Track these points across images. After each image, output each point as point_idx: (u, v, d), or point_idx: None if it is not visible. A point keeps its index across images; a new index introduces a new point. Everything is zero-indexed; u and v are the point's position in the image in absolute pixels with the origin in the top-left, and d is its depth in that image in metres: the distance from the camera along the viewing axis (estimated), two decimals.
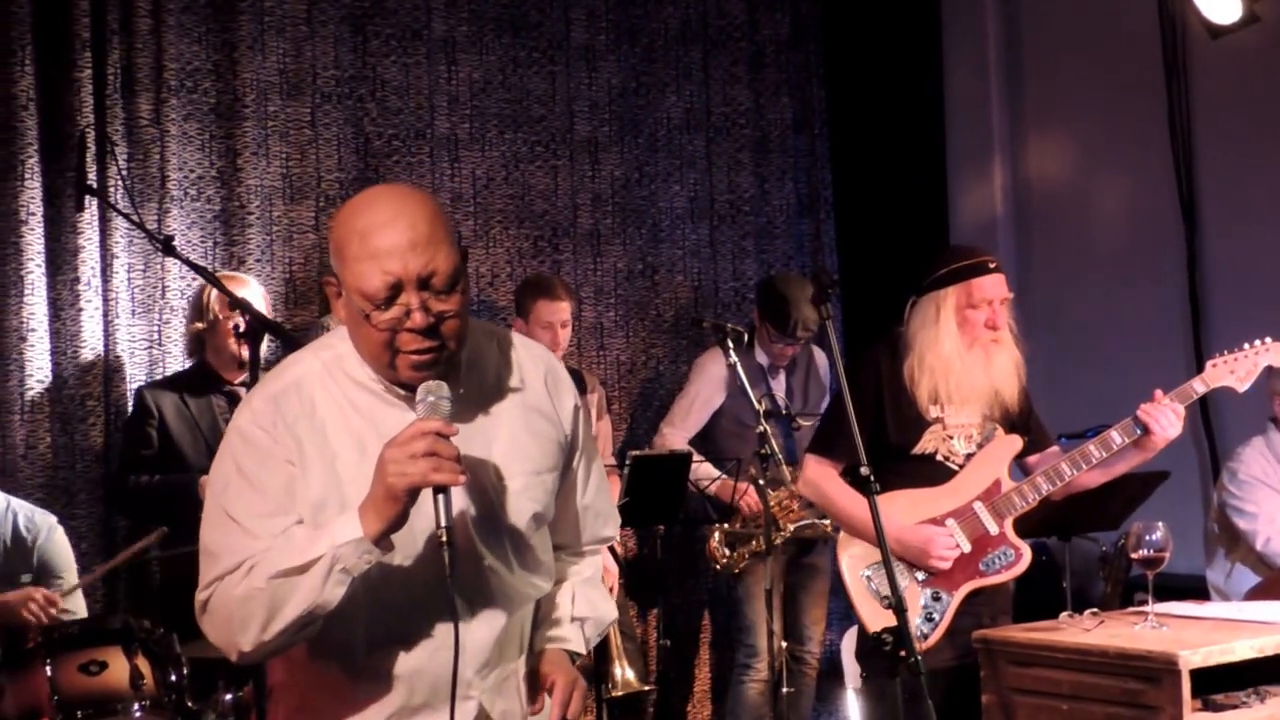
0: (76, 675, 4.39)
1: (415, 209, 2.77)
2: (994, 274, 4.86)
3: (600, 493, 3.19)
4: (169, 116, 6.39)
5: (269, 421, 2.84)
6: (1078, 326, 7.64)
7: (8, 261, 6.03)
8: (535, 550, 2.99)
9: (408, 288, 2.71)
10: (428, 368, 2.77)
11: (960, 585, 4.83)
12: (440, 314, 2.74)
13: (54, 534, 5.42)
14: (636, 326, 7.53)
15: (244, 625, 2.76)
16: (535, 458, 2.95)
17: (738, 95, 7.84)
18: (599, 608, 3.19)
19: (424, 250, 2.72)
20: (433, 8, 7.08)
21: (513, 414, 2.94)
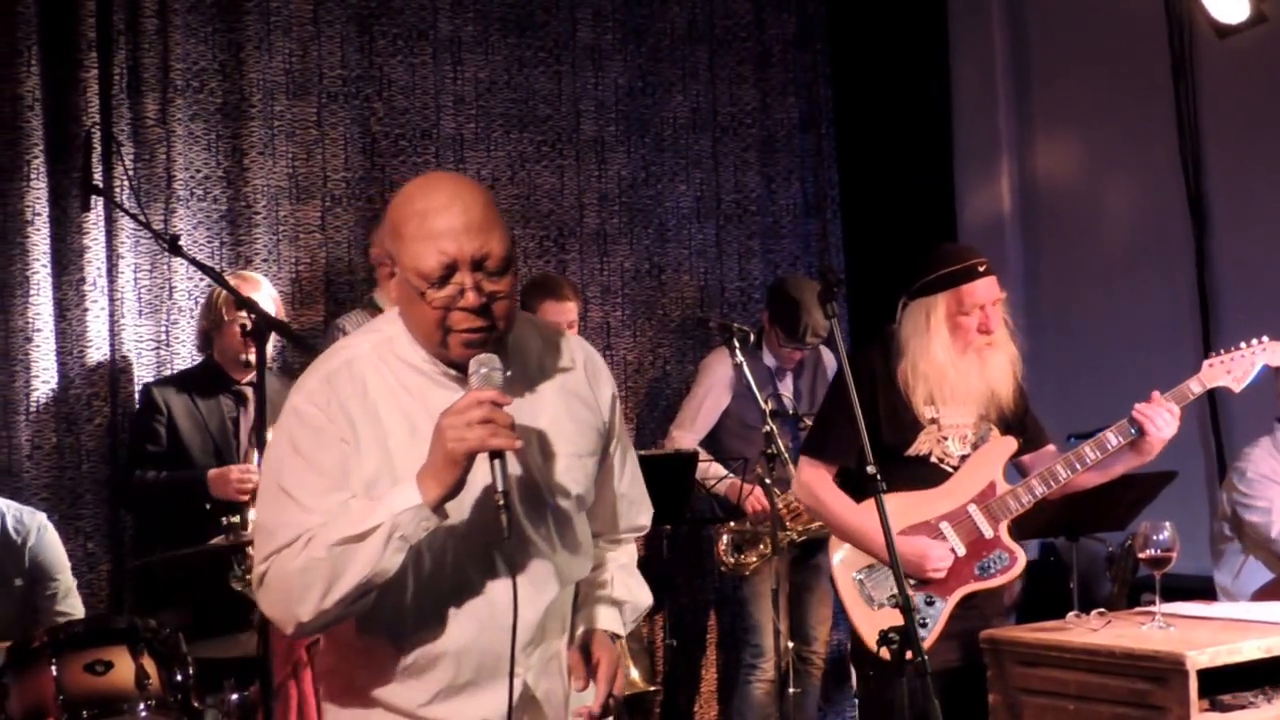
0: (82, 675, 4.37)
1: (471, 194, 2.91)
2: (985, 277, 4.79)
3: (635, 482, 3.30)
4: (175, 116, 6.40)
5: (324, 400, 2.93)
6: (1086, 326, 7.63)
7: (13, 262, 6.04)
8: (576, 532, 3.09)
9: (462, 268, 2.84)
10: (478, 346, 2.88)
11: (954, 590, 4.79)
12: (492, 294, 2.87)
13: (44, 534, 5.38)
14: (643, 326, 7.52)
15: (303, 596, 2.85)
16: (576, 440, 3.05)
17: (744, 95, 7.83)
18: (636, 593, 3.29)
19: (479, 233, 2.85)
20: (439, 8, 7.08)
21: (555, 398, 3.05)
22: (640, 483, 3.32)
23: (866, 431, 3.96)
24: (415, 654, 2.96)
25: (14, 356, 6.03)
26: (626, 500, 3.27)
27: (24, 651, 4.42)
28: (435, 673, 2.97)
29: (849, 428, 4.42)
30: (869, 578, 4.80)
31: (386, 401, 2.93)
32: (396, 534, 2.80)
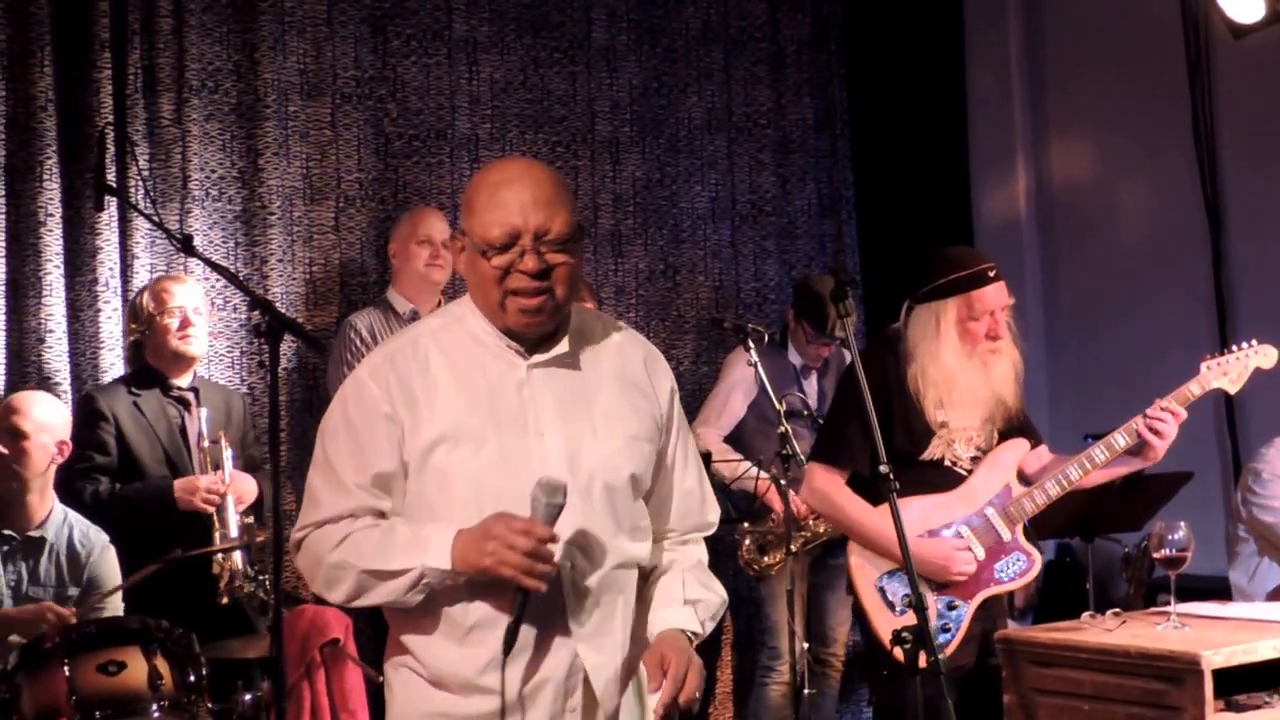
0: (95, 675, 4.36)
1: (541, 174, 3.12)
2: (994, 283, 4.81)
3: (702, 479, 3.39)
4: (190, 117, 6.41)
5: (383, 376, 3.12)
6: (1102, 327, 7.61)
7: (26, 263, 6.04)
8: (633, 514, 3.18)
9: (524, 237, 3.02)
10: (534, 313, 3.06)
11: (975, 594, 4.80)
12: (551, 263, 3.04)
13: (105, 552, 5.36)
14: (658, 327, 7.50)
15: (330, 586, 3.12)
16: (633, 425, 3.18)
17: (759, 96, 7.81)
18: (711, 590, 3.33)
19: (544, 208, 3.03)
20: (453, 8, 7.08)
21: (613, 384, 3.20)
22: (705, 481, 3.41)
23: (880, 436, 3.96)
24: (473, 620, 3.07)
25: (27, 358, 6.03)
26: (694, 497, 3.36)
27: (37, 652, 4.40)
28: (490, 639, 3.04)
29: (860, 431, 4.44)
30: (889, 584, 4.79)
31: (446, 374, 3.11)
32: (424, 581, 3.02)
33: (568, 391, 3.15)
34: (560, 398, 3.13)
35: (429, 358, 3.14)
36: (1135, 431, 4.80)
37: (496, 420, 3.09)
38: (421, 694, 3.14)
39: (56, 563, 5.27)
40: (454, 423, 3.07)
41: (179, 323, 5.68)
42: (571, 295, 3.13)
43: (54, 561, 5.27)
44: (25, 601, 5.17)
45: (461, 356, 3.14)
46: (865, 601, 4.83)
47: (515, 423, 3.09)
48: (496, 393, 3.11)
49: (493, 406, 3.10)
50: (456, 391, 3.10)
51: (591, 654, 3.10)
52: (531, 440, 3.08)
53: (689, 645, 3.19)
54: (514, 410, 3.10)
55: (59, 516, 5.33)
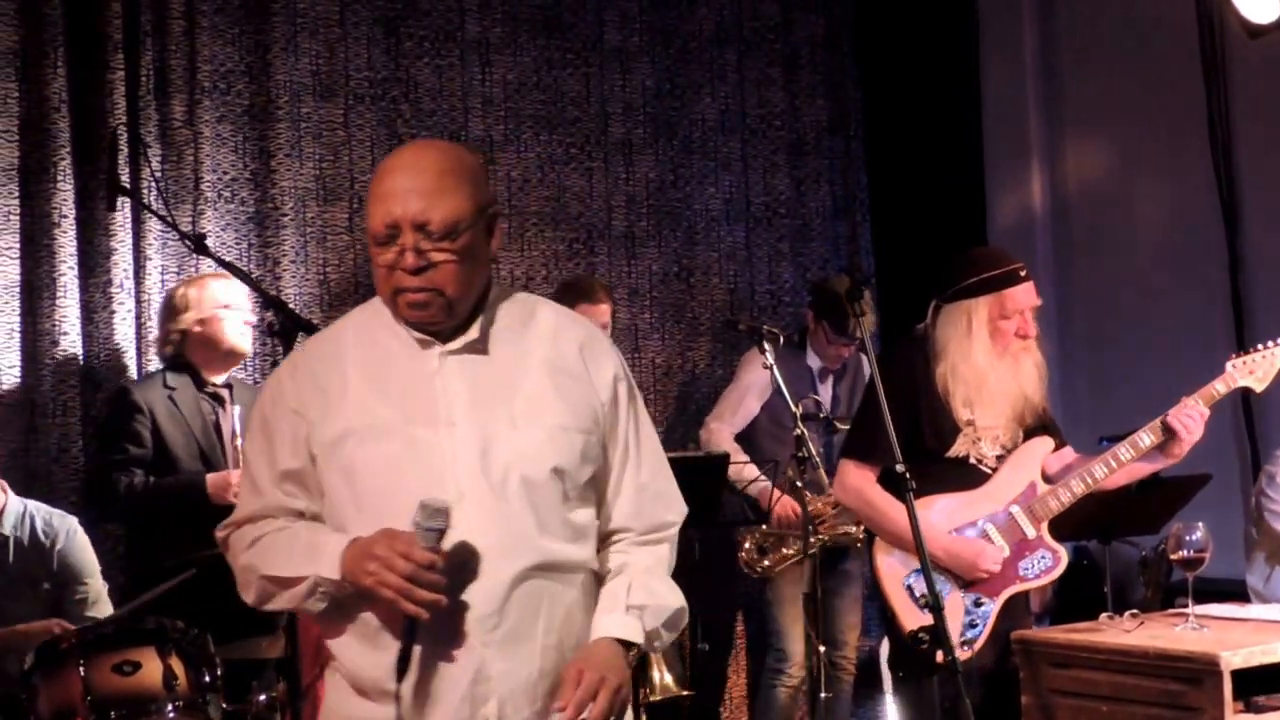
0: (110, 676, 4.35)
1: (430, 158, 2.96)
2: (1025, 283, 4.85)
3: (659, 475, 3.17)
4: (202, 118, 6.39)
5: (299, 371, 3.06)
6: (1118, 328, 7.59)
7: (40, 264, 6.02)
8: (561, 511, 2.98)
9: (404, 230, 2.88)
10: (420, 308, 2.92)
11: (1001, 591, 4.80)
12: (433, 259, 2.89)
13: (75, 537, 5.31)
14: (672, 329, 7.50)
15: (243, 590, 3.05)
16: (561, 414, 2.98)
17: (773, 97, 7.80)
18: (659, 595, 3.07)
19: (423, 196, 2.88)
20: (466, 9, 7.07)
21: (540, 371, 3.01)
22: (666, 477, 3.18)
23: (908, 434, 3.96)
24: (378, 621, 2.93)
25: (41, 359, 6.01)
26: (649, 493, 3.12)
27: (52, 652, 4.41)
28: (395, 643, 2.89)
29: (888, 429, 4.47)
30: (917, 581, 4.77)
31: (359, 366, 3.00)
32: (319, 589, 2.92)
33: (486, 380, 2.97)
34: (476, 387, 2.96)
35: (345, 351, 3.03)
36: (1164, 426, 4.79)
37: (406, 412, 2.94)
38: (340, 698, 3.03)
39: (21, 557, 5.19)
40: (362, 416, 2.95)
41: (240, 318, 5.70)
42: (468, 288, 2.96)
43: (18, 556, 5.19)
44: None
45: (377, 348, 3.01)
46: (892, 599, 4.82)
47: (425, 414, 2.94)
48: (408, 384, 2.97)
49: (404, 398, 2.95)
50: (368, 384, 2.98)
51: (499, 660, 2.89)
52: (442, 432, 2.92)
53: (618, 657, 2.95)
54: (425, 401, 2.95)
55: (16, 508, 5.26)
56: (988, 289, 4.81)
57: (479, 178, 3.01)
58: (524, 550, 2.91)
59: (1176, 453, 4.84)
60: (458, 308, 2.95)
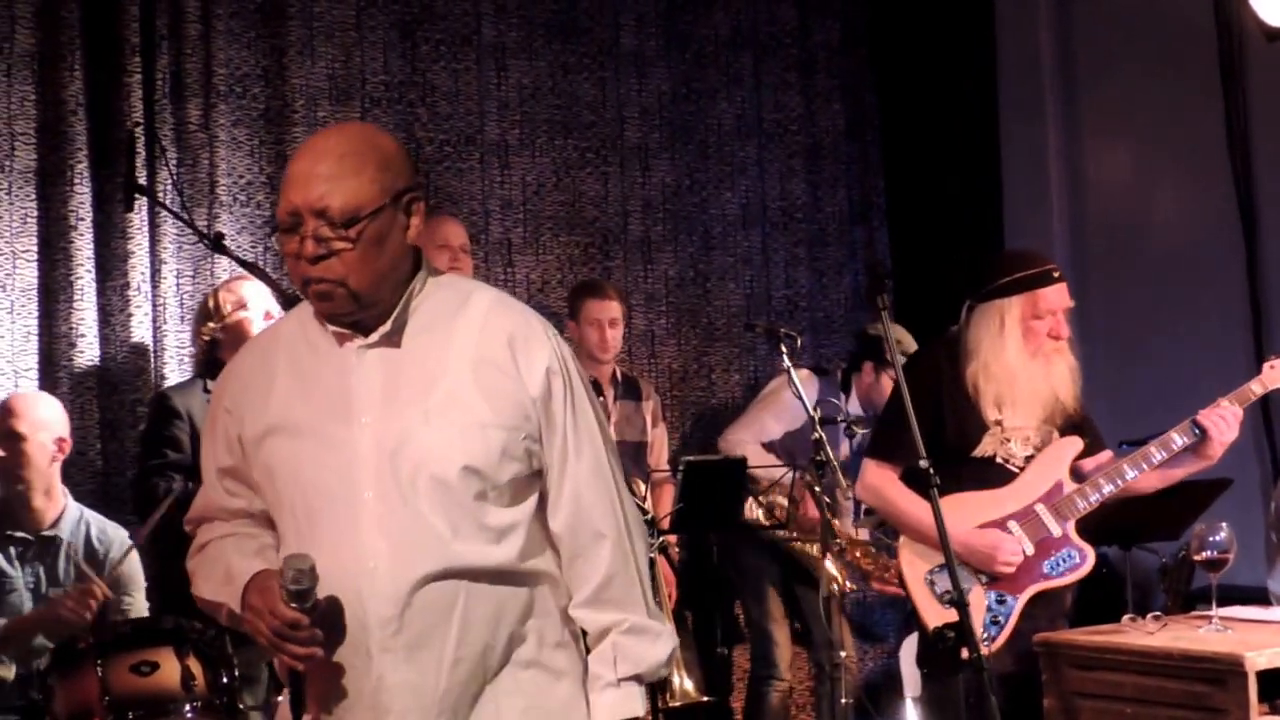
0: (127, 676, 4.36)
1: (335, 141, 2.83)
2: (1058, 284, 4.84)
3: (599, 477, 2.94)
4: (218, 122, 6.38)
5: (236, 369, 3.01)
6: (1137, 333, 7.55)
7: (57, 267, 6.02)
8: (477, 513, 2.80)
9: (305, 217, 2.75)
10: (324, 299, 2.79)
11: (1024, 588, 4.78)
12: (332, 247, 2.75)
13: (126, 550, 5.35)
14: (688, 334, 7.48)
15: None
16: (479, 410, 2.81)
17: (789, 101, 7.78)
18: (646, 658, 2.91)
19: (322, 182, 2.74)
20: (482, 13, 7.06)
21: (460, 365, 2.83)
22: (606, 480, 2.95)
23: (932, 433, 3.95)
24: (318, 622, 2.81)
25: (58, 362, 6.00)
26: (584, 500, 2.92)
27: (70, 652, 4.42)
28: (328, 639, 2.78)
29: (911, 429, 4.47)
30: (940, 576, 4.76)
31: (285, 363, 2.91)
32: (235, 618, 2.86)
33: (402, 375, 2.82)
34: (390, 381, 2.82)
35: (279, 347, 2.93)
36: (1194, 426, 4.76)
37: (323, 409, 2.83)
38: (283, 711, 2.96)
39: (75, 562, 5.25)
40: (283, 414, 2.85)
41: (262, 316, 5.66)
42: (375, 278, 2.79)
43: (71, 561, 5.24)
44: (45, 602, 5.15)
45: (305, 344, 2.89)
46: (915, 596, 4.82)
47: (341, 411, 2.82)
48: (327, 379, 2.85)
49: (322, 395, 2.84)
50: (291, 380, 2.87)
51: (401, 669, 2.77)
52: (355, 429, 2.79)
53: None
54: (340, 397, 2.83)
55: (74, 514, 5.33)
56: (1021, 288, 4.80)
57: (390, 161, 2.83)
58: (429, 554, 2.77)
59: (1209, 454, 4.81)
60: (365, 299, 2.79)
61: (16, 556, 5.21)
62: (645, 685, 2.93)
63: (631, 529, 2.96)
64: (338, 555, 2.77)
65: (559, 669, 2.92)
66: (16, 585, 5.18)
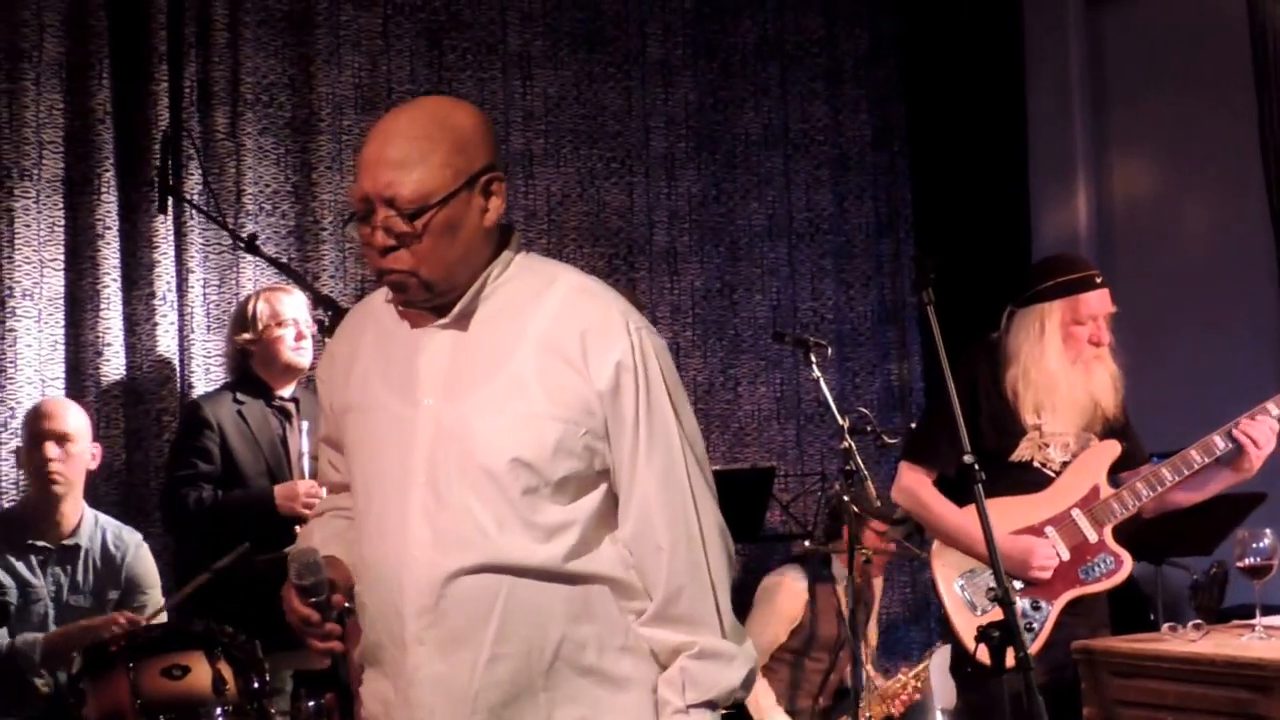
0: (159, 680, 4.33)
1: (405, 123, 2.69)
2: (1100, 289, 4.79)
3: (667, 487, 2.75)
4: (245, 130, 6.37)
5: (332, 339, 3.03)
6: (1166, 345, 7.49)
7: (84, 275, 6.01)
8: (525, 506, 2.68)
9: (376, 205, 2.65)
10: (399, 291, 2.70)
11: (1060, 594, 4.71)
12: (403, 237, 2.64)
13: (140, 551, 5.40)
14: (714, 346, 7.44)
15: None
16: (535, 400, 2.68)
17: (816, 111, 7.76)
18: (719, 683, 2.73)
19: (390, 168, 2.63)
20: (508, 22, 7.05)
21: (526, 353, 2.70)
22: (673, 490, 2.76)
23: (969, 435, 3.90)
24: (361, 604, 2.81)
25: (84, 372, 5.99)
26: (648, 508, 2.75)
27: (101, 656, 4.40)
28: (365, 630, 2.78)
29: (947, 433, 4.43)
30: (970, 582, 4.72)
31: (372, 337, 2.84)
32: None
33: (468, 358, 2.72)
34: (456, 365, 2.72)
35: (366, 323, 2.87)
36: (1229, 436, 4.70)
37: (393, 388, 2.76)
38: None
39: (94, 568, 5.27)
40: (361, 390, 2.80)
41: (294, 334, 5.65)
42: (449, 266, 2.69)
43: (90, 567, 5.26)
44: (67, 609, 5.18)
45: (389, 321, 2.79)
46: (947, 602, 4.76)
47: (406, 391, 2.74)
48: (400, 359, 2.77)
49: (396, 373, 2.77)
50: (373, 356, 2.81)
51: (433, 662, 2.67)
52: (419, 412, 2.71)
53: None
54: (408, 378, 2.74)
55: (90, 521, 5.33)
56: (1062, 293, 4.75)
57: (466, 141, 2.69)
58: (469, 547, 2.66)
59: (1246, 467, 4.71)
60: (439, 287, 2.70)
61: (39, 565, 5.21)
62: (717, 710, 2.75)
63: (708, 540, 2.76)
64: (385, 539, 2.73)
65: (623, 676, 2.75)
66: (41, 595, 5.18)
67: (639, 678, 2.76)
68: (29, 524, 5.27)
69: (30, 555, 5.21)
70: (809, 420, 7.57)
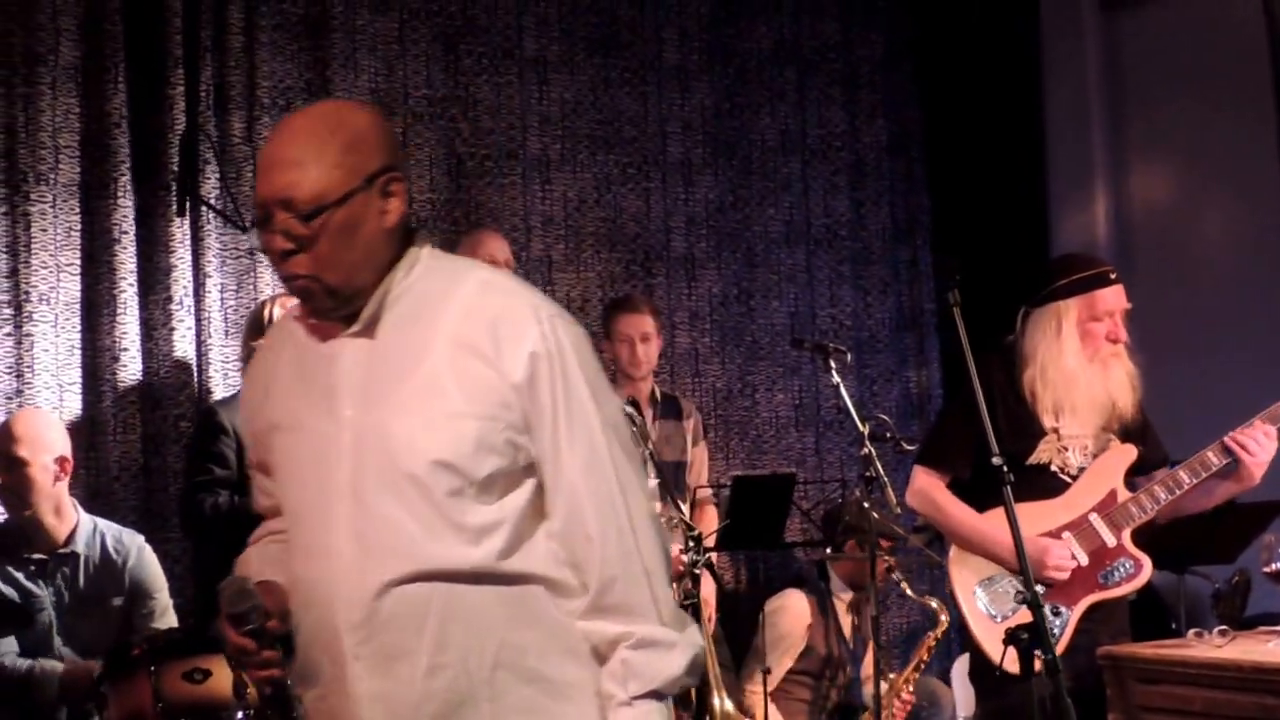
0: (180, 683, 4.33)
1: (300, 127, 2.63)
2: (1115, 285, 4.74)
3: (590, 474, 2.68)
4: (261, 134, 6.34)
5: (251, 364, 2.96)
6: (1185, 354, 7.44)
7: (101, 280, 6.00)
8: (452, 509, 2.59)
9: (273, 209, 2.56)
10: (305, 299, 2.64)
11: (1079, 599, 4.66)
12: (300, 240, 2.56)
13: (143, 554, 5.35)
14: (732, 353, 7.42)
15: None
16: (452, 399, 2.60)
17: (832, 117, 7.75)
18: (661, 672, 2.66)
19: (285, 170, 2.55)
20: (524, 27, 7.04)
21: (439, 353, 2.62)
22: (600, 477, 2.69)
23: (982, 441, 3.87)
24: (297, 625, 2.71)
25: (101, 376, 5.97)
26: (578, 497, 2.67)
27: (122, 660, 4.40)
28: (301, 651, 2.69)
29: (963, 435, 4.39)
30: (988, 589, 4.68)
31: (290, 355, 2.76)
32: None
33: (381, 364, 2.63)
34: (372, 372, 2.64)
35: (283, 340, 2.79)
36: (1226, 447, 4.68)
37: (311, 404, 2.68)
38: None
39: (94, 575, 5.21)
40: (281, 409, 2.72)
41: None
42: (351, 269, 2.60)
43: (89, 574, 5.21)
44: (70, 618, 5.14)
45: (302, 337, 2.72)
46: (964, 609, 4.71)
47: (324, 405, 2.66)
48: (316, 372, 2.69)
49: (313, 388, 2.69)
50: (291, 376, 2.73)
51: (372, 678, 2.60)
52: (339, 424, 2.63)
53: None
54: (325, 391, 2.66)
55: (88, 527, 5.28)
56: (1077, 290, 4.71)
57: (361, 139, 2.62)
58: (398, 557, 2.59)
59: (1247, 476, 4.68)
60: (343, 292, 2.61)
61: (38, 575, 5.17)
62: (665, 699, 2.68)
63: (638, 527, 2.69)
64: (314, 557, 2.66)
65: (567, 682, 2.67)
66: (44, 604, 5.14)
67: (583, 683, 2.69)
68: (20, 538, 5.23)
69: (28, 566, 5.16)
70: (828, 427, 7.56)
